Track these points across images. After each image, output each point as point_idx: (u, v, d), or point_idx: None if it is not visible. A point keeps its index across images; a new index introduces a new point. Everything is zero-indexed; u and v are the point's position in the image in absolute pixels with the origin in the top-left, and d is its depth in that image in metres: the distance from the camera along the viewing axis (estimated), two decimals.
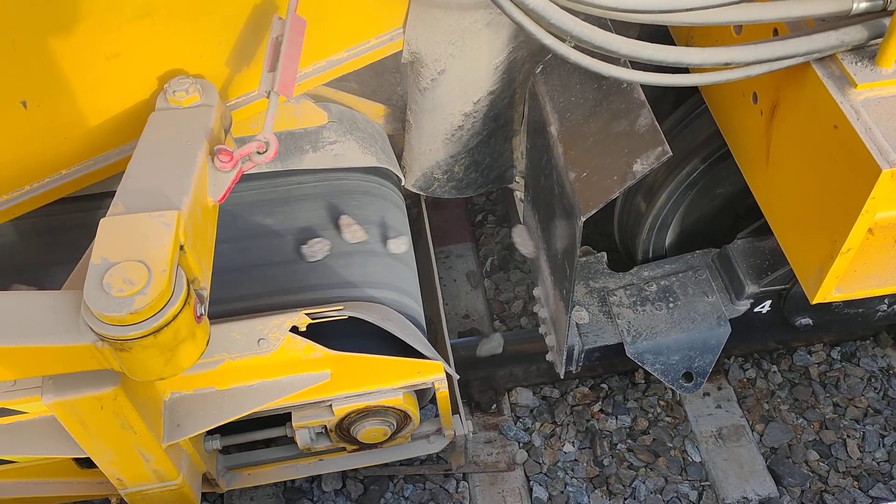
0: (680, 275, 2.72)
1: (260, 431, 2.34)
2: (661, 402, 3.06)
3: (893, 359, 3.16)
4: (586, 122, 2.18)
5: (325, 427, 2.29)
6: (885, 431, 2.96)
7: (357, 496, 2.78)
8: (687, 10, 1.45)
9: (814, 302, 1.74)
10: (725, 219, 2.78)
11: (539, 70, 2.41)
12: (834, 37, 1.52)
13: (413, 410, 2.28)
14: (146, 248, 1.49)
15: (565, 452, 2.91)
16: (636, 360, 2.59)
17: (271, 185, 2.59)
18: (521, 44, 2.39)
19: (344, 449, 2.42)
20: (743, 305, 2.62)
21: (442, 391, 2.25)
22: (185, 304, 1.49)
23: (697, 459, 2.89)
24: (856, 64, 1.56)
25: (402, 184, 2.82)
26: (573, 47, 1.52)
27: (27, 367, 1.60)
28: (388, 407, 2.24)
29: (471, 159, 2.77)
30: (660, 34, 2.20)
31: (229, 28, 2.06)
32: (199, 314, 1.55)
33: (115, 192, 1.67)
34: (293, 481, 2.80)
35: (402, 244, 2.49)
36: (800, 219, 1.75)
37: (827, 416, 3.00)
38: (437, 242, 3.43)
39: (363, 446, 2.39)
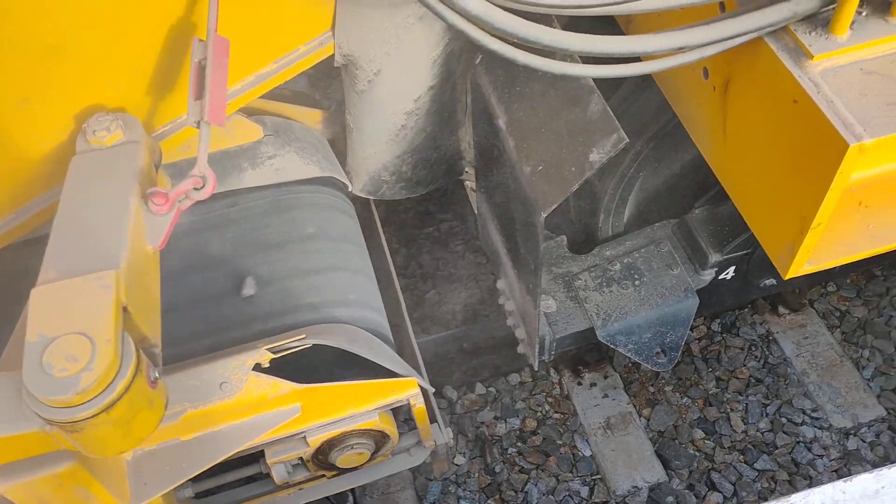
0: (642, 250, 2.68)
1: (233, 472, 2.24)
2: (549, 399, 3.03)
3: (772, 324, 3.19)
4: (535, 112, 2.10)
5: (301, 458, 2.19)
6: (766, 400, 2.99)
7: None
8: (617, 3, 1.37)
9: (787, 277, 1.71)
10: (683, 188, 2.74)
11: (479, 61, 2.31)
12: (786, 8, 1.46)
13: (391, 429, 2.20)
14: (86, 318, 1.37)
15: (457, 465, 2.85)
16: (609, 343, 2.55)
17: (211, 209, 2.45)
18: (457, 34, 2.29)
19: (324, 475, 2.33)
20: (708, 275, 2.60)
21: (418, 407, 2.18)
22: (136, 372, 1.37)
23: (587, 453, 2.88)
24: (810, 34, 1.51)
25: (350, 190, 2.71)
26: (519, 48, 1.43)
27: None
28: (365, 430, 2.15)
29: (418, 157, 2.67)
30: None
31: (146, 55, 1.92)
32: (152, 379, 1.43)
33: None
34: None
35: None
36: (765, 194, 1.71)
37: (710, 392, 3.02)
38: None
39: (344, 471, 2.31)
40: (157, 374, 1.46)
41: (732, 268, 2.62)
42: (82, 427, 1.34)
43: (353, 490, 2.73)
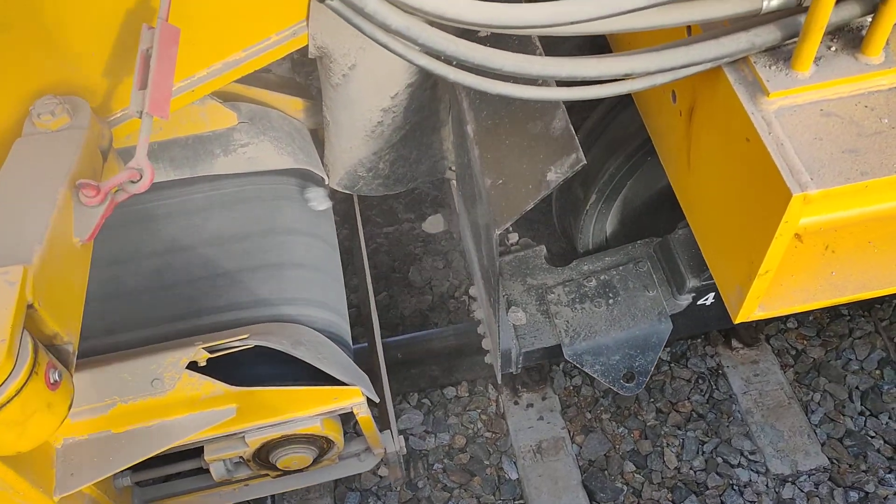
0: (620, 268, 2.59)
1: (173, 465, 2.21)
2: (483, 416, 2.92)
3: (724, 357, 3.03)
4: (502, 122, 2.01)
5: (242, 457, 2.16)
6: (706, 437, 2.85)
7: None
8: (583, 21, 1.27)
9: (736, 321, 1.61)
10: (666, 206, 2.64)
11: (455, 63, 2.22)
12: (744, 39, 1.35)
13: (335, 435, 2.16)
14: None
15: (380, 477, 2.76)
16: (574, 363, 2.47)
17: (180, 193, 2.42)
18: (444, 26, 2.20)
19: (268, 475, 2.30)
20: (685, 300, 2.50)
21: (363, 416, 2.12)
22: (31, 374, 1.33)
23: (514, 477, 2.77)
24: (770, 67, 1.40)
25: (327, 183, 2.65)
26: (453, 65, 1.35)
27: None
28: (307, 435, 2.11)
29: (396, 154, 2.60)
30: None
31: (103, 36, 1.87)
32: (52, 381, 1.39)
33: None
34: None
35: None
36: (719, 232, 1.61)
37: (648, 424, 2.88)
38: None
39: (288, 472, 2.27)
40: (58, 377, 1.42)
41: (712, 294, 2.51)
42: None
43: (272, 495, 2.67)
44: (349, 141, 2.51)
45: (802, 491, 2.71)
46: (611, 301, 2.52)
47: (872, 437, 2.82)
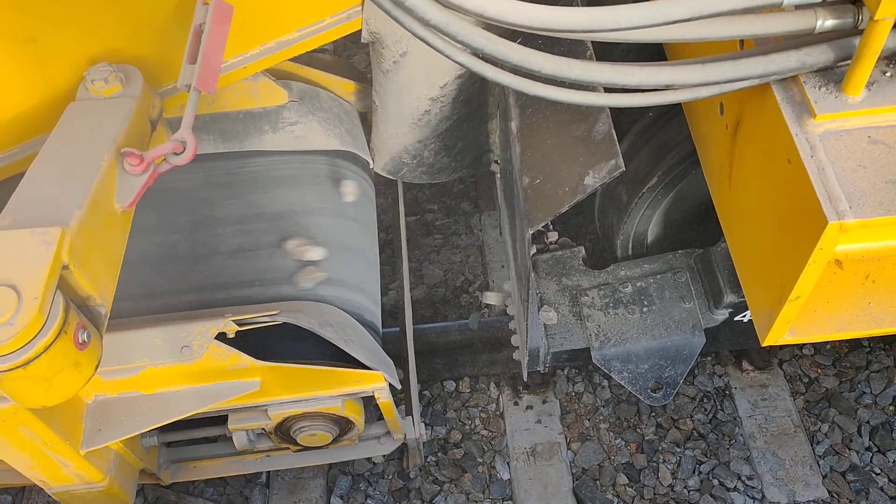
0: (658, 276, 2.54)
1: (199, 430, 2.27)
2: (482, 414, 2.88)
3: (732, 378, 2.93)
4: (546, 121, 2.00)
5: (264, 429, 2.21)
6: (704, 457, 2.76)
7: (154, 498, 2.67)
8: (626, 28, 1.25)
9: (764, 345, 1.57)
10: (710, 218, 2.58)
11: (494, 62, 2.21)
12: (794, 57, 1.31)
13: (356, 417, 2.19)
14: (21, 271, 1.38)
15: (374, 463, 2.75)
16: (602, 367, 2.44)
17: (226, 166, 2.46)
18: (490, 25, 2.19)
19: (288, 449, 2.34)
20: (721, 314, 2.44)
21: (383, 401, 2.14)
22: (60, 333, 1.38)
23: (505, 477, 2.74)
24: (819, 89, 1.35)
25: (371, 167, 2.67)
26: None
27: None
28: (328, 414, 2.14)
29: (441, 144, 2.60)
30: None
31: (159, 8, 1.91)
32: (80, 341, 1.44)
33: None
34: None
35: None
36: (754, 251, 1.57)
37: (646, 438, 2.80)
38: None
39: (307, 448, 2.31)
40: (87, 338, 1.47)
41: (749, 311, 2.45)
42: (0, 378, 1.36)
43: (268, 471, 2.70)
44: (396, 127, 2.52)
45: None
46: (645, 309, 2.48)
47: (877, 475, 2.72)
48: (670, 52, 1.95)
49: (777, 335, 1.54)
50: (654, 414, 2.86)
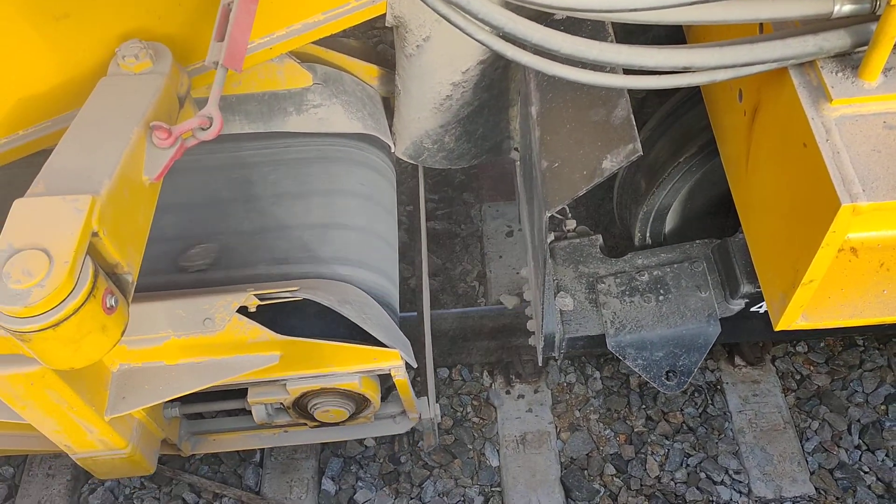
0: (675, 265, 2.55)
1: (219, 403, 2.33)
2: (474, 402, 2.90)
3: (725, 373, 2.92)
4: (565, 106, 2.02)
5: (282, 404, 2.25)
6: (692, 450, 2.76)
7: (150, 474, 2.67)
8: (644, 9, 1.27)
9: (776, 329, 1.59)
10: (729, 209, 2.59)
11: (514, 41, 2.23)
12: (811, 42, 1.33)
13: (372, 394, 2.23)
14: (52, 236, 1.43)
15: (366, 447, 2.78)
16: (617, 354, 2.46)
17: (250, 147, 2.51)
18: (510, 4, 2.21)
19: (305, 424, 2.39)
20: (737, 305, 2.45)
21: (399, 379, 2.18)
22: (89, 296, 1.43)
23: (494, 464, 2.76)
24: (836, 74, 1.37)
25: (392, 151, 2.70)
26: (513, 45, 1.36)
27: None
28: (344, 390, 2.18)
29: (462, 129, 2.63)
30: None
31: None
32: (108, 306, 1.49)
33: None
34: None
35: None
36: (769, 236, 1.59)
37: (636, 430, 2.81)
38: None
39: (325, 423, 2.35)
40: (114, 303, 1.52)
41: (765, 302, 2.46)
42: (30, 338, 1.41)
43: (262, 449, 2.76)
44: (418, 111, 2.55)
45: None
46: (661, 297, 2.50)
47: (865, 473, 2.72)
48: (690, 36, 1.96)
49: (790, 320, 1.55)
50: (644, 406, 2.88)
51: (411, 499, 2.68)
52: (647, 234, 2.69)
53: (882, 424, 2.81)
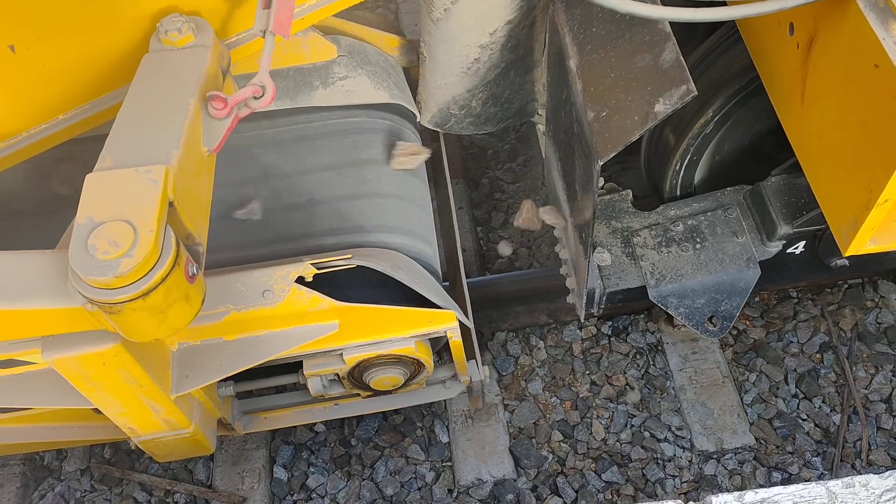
0: (709, 214, 2.59)
1: (273, 378, 2.33)
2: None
3: (665, 334, 2.98)
4: (607, 55, 2.03)
5: (338, 374, 2.26)
6: (636, 411, 2.82)
7: (100, 476, 2.73)
8: None
9: (846, 254, 1.62)
10: (762, 153, 2.62)
11: None
12: None
13: (426, 358, 2.24)
14: (132, 207, 1.43)
15: (316, 432, 2.79)
16: (659, 304, 2.50)
17: (280, 123, 2.49)
18: None
19: (358, 395, 2.40)
20: (775, 247, 2.49)
21: (455, 340, 2.20)
22: (174, 264, 1.43)
23: (444, 440, 2.78)
24: None
25: (418, 120, 2.70)
26: None
27: (20, 329, 1.57)
28: (401, 356, 2.19)
29: (489, 93, 2.63)
30: None
31: None
32: (190, 274, 1.49)
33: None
34: (41, 458, 2.79)
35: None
36: (835, 164, 1.62)
37: (581, 395, 2.86)
38: None
39: (378, 392, 2.36)
40: (195, 271, 1.51)
41: (802, 242, 2.50)
42: (119, 310, 1.41)
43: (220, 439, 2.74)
44: (444, 77, 2.55)
45: (726, 468, 2.68)
46: (698, 245, 2.53)
47: (803, 420, 2.78)
48: None
49: (860, 244, 1.58)
50: (588, 372, 2.93)
51: (363, 480, 2.69)
52: (678, 190, 2.71)
53: (818, 372, 2.88)
